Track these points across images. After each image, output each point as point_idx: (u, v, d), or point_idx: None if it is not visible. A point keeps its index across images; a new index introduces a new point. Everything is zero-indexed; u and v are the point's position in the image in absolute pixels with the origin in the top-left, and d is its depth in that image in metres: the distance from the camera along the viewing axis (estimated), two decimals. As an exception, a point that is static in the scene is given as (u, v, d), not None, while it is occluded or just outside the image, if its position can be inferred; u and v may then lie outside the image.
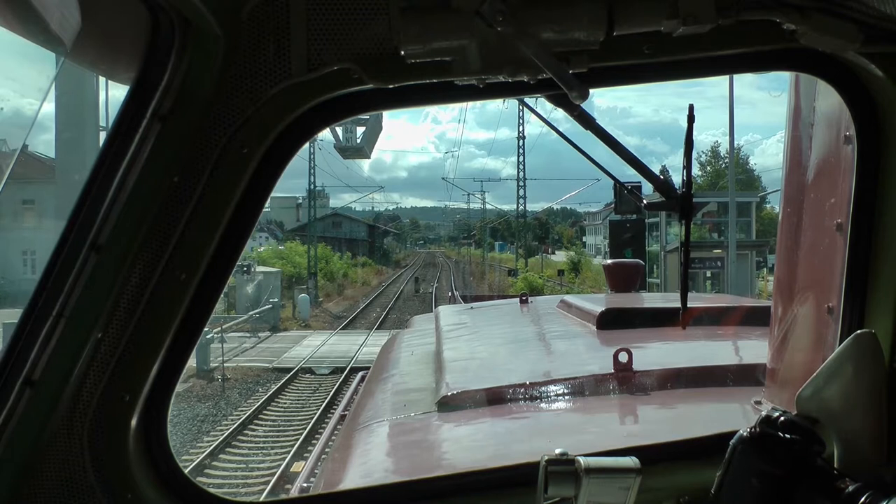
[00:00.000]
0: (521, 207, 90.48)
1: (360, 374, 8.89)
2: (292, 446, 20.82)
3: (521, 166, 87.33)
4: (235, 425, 23.31)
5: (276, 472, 18.25)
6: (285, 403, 27.09)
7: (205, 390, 29.06)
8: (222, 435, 22.39)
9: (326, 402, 25.37)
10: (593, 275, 75.40)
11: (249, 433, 23.33)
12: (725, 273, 43.86)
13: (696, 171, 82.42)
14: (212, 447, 21.20)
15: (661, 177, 2.66)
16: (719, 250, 45.68)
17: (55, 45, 2.23)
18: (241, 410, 25.79)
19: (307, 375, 31.89)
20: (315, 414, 23.89)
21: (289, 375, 30.78)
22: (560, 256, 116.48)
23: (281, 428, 23.94)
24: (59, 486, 2.35)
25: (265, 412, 25.55)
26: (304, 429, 22.47)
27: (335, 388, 27.71)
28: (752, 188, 76.32)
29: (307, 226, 79.89)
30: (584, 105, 2.41)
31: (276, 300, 48.67)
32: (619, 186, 3.16)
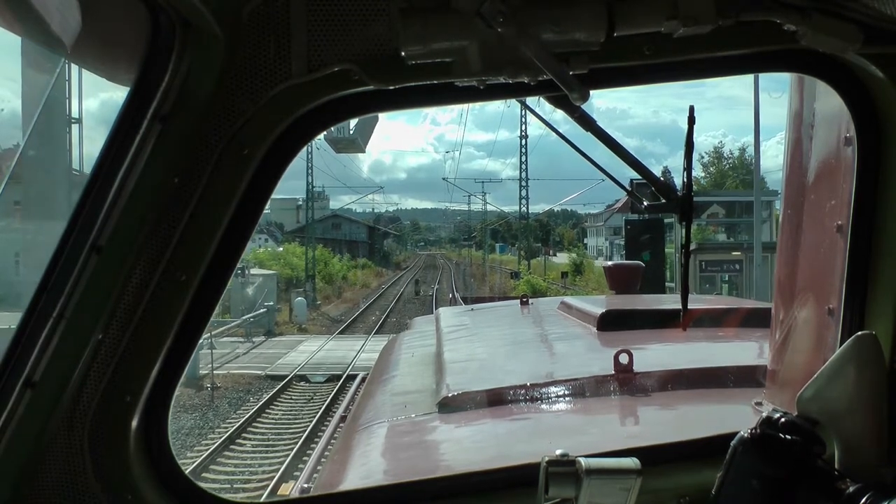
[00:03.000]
0: (524, 208, 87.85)
1: (361, 375, 8.88)
2: (282, 464, 19.37)
3: (523, 165, 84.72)
4: (222, 439, 21.94)
5: (262, 494, 17.09)
6: (277, 415, 25.69)
7: (192, 400, 27.43)
8: (207, 450, 20.99)
9: (320, 413, 24.00)
10: (596, 276, 75.04)
11: (237, 448, 22.01)
12: (744, 277, 42.50)
13: (699, 172, 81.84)
14: (194, 464, 19.54)
15: (662, 178, 2.67)
16: (738, 252, 44.50)
17: (56, 46, 2.24)
18: (230, 422, 24.26)
19: (301, 383, 30.36)
20: (308, 427, 22.50)
21: (282, 384, 29.27)
22: (561, 258, 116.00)
23: (271, 442, 22.60)
24: (60, 487, 2.35)
25: (255, 424, 24.18)
26: (296, 443, 21.11)
27: (330, 397, 26.29)
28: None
29: (309, 226, 79.10)
30: (584, 106, 2.41)
31: (271, 303, 47.35)
32: (636, 183, 3.04)
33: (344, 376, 29.35)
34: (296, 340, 42.47)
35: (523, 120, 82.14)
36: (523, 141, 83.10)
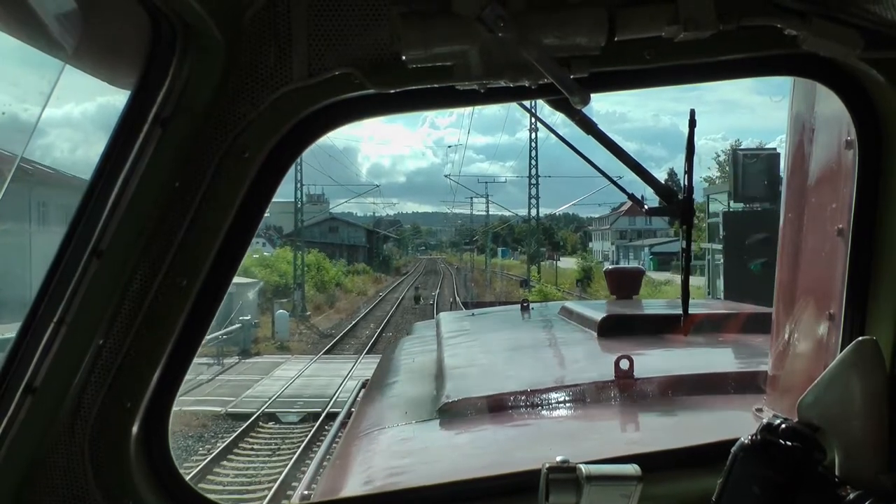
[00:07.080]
0: (535, 210, 76.24)
1: (362, 381, 8.81)
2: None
3: (532, 162, 73.05)
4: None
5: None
6: (229, 475, 19.97)
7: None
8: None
9: (288, 468, 18.32)
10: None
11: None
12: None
13: (714, 173, 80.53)
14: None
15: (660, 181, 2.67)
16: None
17: (57, 50, 2.24)
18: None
19: (269, 425, 24.75)
20: (269, 492, 17.13)
21: (243, 427, 23.60)
22: (566, 263, 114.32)
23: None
24: (61, 492, 2.34)
25: (200, 487, 17.20)
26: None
27: (304, 444, 20.84)
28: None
29: (299, 231, 75.19)
30: (584, 109, 2.41)
31: (247, 318, 40.42)
32: (738, 157, 2.74)
33: (323, 414, 23.52)
34: (273, 363, 36.47)
35: (533, 110, 74.54)
36: (533, 135, 71.57)
